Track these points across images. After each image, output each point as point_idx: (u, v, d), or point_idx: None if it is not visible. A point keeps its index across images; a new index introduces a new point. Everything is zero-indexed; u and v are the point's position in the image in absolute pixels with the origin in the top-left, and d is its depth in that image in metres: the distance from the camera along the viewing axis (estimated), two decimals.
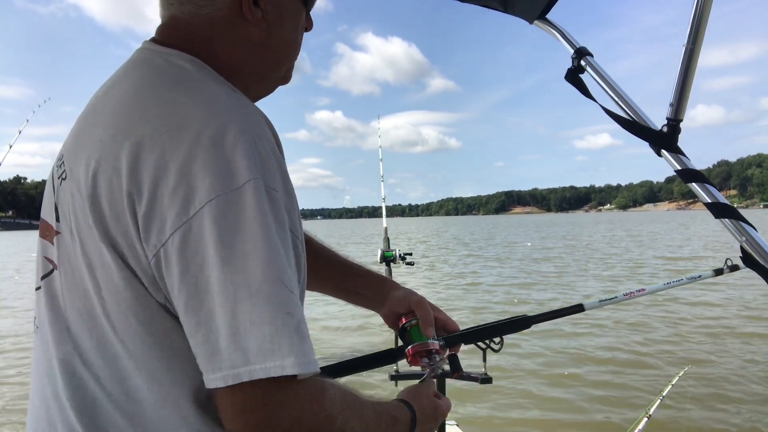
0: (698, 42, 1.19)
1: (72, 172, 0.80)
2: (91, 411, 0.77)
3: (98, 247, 0.74)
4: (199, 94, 0.79)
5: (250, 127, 0.76)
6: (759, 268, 1.16)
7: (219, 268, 0.68)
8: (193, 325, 0.70)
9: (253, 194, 0.70)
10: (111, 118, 0.79)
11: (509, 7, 1.51)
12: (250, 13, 0.89)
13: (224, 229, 0.68)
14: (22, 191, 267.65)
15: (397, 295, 1.25)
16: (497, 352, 1.39)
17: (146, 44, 0.91)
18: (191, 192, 0.69)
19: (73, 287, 0.79)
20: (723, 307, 11.11)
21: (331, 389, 0.78)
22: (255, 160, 0.73)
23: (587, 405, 6.00)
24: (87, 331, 0.78)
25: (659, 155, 1.30)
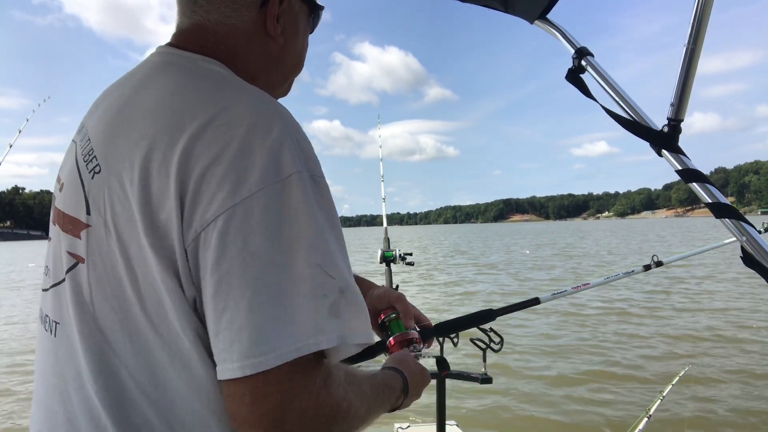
0: (699, 42, 1.19)
1: (109, 166, 0.81)
2: (120, 402, 0.78)
3: (138, 238, 0.75)
4: (244, 92, 0.83)
5: (292, 124, 0.80)
6: (759, 267, 1.15)
7: (257, 256, 0.70)
8: (220, 310, 0.70)
9: (297, 185, 0.74)
10: (155, 113, 0.80)
11: (510, 7, 1.51)
12: (273, 28, 0.95)
13: (268, 218, 0.71)
14: (20, 201, 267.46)
15: (376, 293, 1.30)
16: (497, 352, 1.39)
17: (164, 48, 0.93)
18: (240, 181, 0.72)
19: (104, 279, 0.79)
20: (724, 306, 11.12)
21: (335, 372, 0.78)
22: (299, 154, 0.77)
23: (587, 405, 6.00)
24: (118, 322, 0.78)
25: (660, 155, 1.30)
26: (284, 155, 0.75)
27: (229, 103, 0.79)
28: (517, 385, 6.71)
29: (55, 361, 0.85)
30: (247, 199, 0.71)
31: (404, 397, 1.03)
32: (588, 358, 7.81)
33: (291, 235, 0.72)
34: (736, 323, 9.68)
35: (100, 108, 0.92)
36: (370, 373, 0.96)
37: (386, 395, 0.96)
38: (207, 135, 0.75)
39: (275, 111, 0.80)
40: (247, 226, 0.71)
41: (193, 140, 0.74)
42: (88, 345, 0.80)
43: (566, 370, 7.24)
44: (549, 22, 1.49)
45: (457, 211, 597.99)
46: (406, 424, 3.82)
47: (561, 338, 8.98)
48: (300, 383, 0.70)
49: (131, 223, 0.76)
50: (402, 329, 1.23)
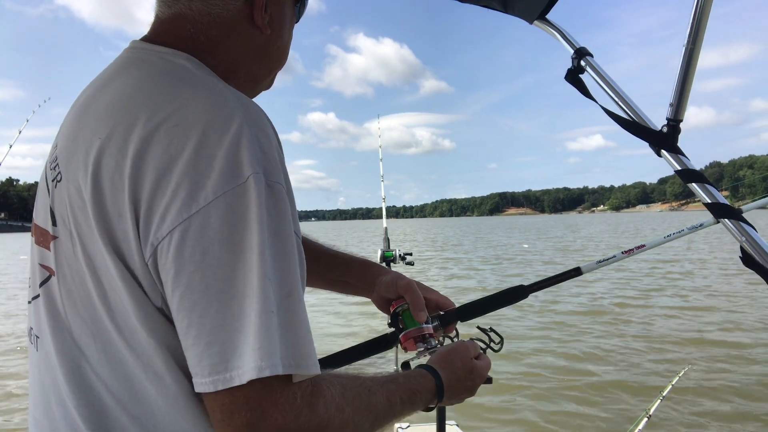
0: (698, 42, 1.19)
1: (68, 173, 0.78)
2: (100, 416, 0.75)
3: (99, 248, 0.73)
4: (202, 89, 0.78)
5: (253, 122, 0.75)
6: (759, 268, 1.16)
7: (219, 267, 0.67)
8: (185, 326, 0.68)
9: (255, 189, 0.69)
10: (110, 114, 0.76)
11: (509, 7, 1.51)
12: (261, 18, 0.90)
13: (227, 227, 0.68)
14: (14, 193, 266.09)
15: (385, 281, 1.24)
16: (497, 351, 1.39)
17: (136, 43, 0.89)
18: (195, 188, 0.68)
19: (73, 292, 0.77)
20: (722, 307, 11.16)
21: (328, 390, 0.75)
22: (257, 154, 0.71)
23: (587, 405, 6.02)
24: (91, 336, 0.76)
25: (659, 155, 1.30)
26: (242, 155, 0.70)
27: (186, 100, 0.74)
28: (517, 385, 6.70)
29: (39, 375, 0.83)
30: (203, 209, 0.67)
31: (438, 399, 0.99)
32: (588, 358, 7.82)
33: (247, 244, 0.68)
34: (737, 323, 9.71)
35: (70, 112, 0.88)
36: (390, 378, 0.91)
37: (409, 401, 0.91)
38: (160, 137, 0.70)
39: (236, 105, 0.75)
40: (204, 238, 0.67)
41: (145, 144, 0.70)
42: (65, 360, 0.78)
43: (566, 371, 7.25)
44: (548, 22, 1.49)
45: (453, 204, 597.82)
46: (406, 424, 3.81)
47: (561, 338, 8.99)
48: (272, 400, 0.67)
49: (91, 233, 0.73)
50: (414, 323, 1.17)
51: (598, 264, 1.49)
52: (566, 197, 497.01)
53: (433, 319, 1.22)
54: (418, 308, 1.18)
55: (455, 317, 1.27)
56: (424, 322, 1.17)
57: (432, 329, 1.18)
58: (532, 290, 1.39)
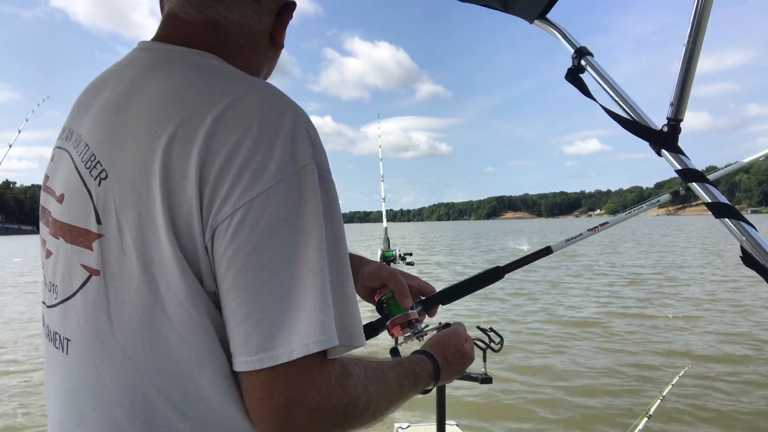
0: (698, 42, 1.19)
1: (117, 170, 0.78)
2: (146, 413, 0.76)
3: (158, 241, 0.74)
4: (249, 83, 0.82)
5: (302, 115, 0.80)
6: (759, 268, 1.15)
7: (272, 249, 0.71)
8: (235, 305, 0.71)
9: (310, 177, 0.74)
10: (162, 110, 0.78)
11: (509, 6, 1.51)
12: (281, 36, 0.99)
13: (285, 211, 0.72)
14: (10, 196, 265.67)
15: (367, 271, 1.26)
16: (497, 351, 1.39)
17: (152, 44, 0.90)
18: (256, 174, 0.72)
19: (122, 289, 0.77)
20: (724, 304, 11.19)
21: (354, 369, 0.79)
22: (309, 145, 0.77)
23: (587, 405, 6.02)
24: (139, 333, 0.76)
25: (659, 155, 1.30)
26: (298, 145, 0.75)
27: (238, 94, 0.78)
28: (517, 385, 6.72)
29: (68, 379, 0.82)
30: (263, 194, 0.71)
31: (435, 381, 1.06)
32: (588, 358, 7.83)
33: (302, 229, 0.72)
34: (736, 322, 9.76)
35: (90, 111, 0.88)
36: (396, 362, 0.97)
37: (414, 383, 0.97)
38: (222, 129, 0.74)
39: (285, 101, 0.80)
40: (263, 221, 0.71)
41: (209, 135, 0.73)
42: (108, 359, 0.77)
43: (566, 371, 7.26)
44: (548, 21, 1.49)
45: (450, 208, 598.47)
46: (406, 424, 3.81)
47: (561, 338, 9.01)
48: (310, 380, 0.71)
49: (150, 226, 0.74)
50: (400, 309, 1.20)
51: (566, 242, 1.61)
52: (563, 201, 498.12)
53: (416, 305, 1.26)
54: (404, 295, 1.21)
55: (437, 301, 1.32)
56: (409, 308, 1.21)
57: (417, 314, 1.23)
58: (508, 270, 1.47)
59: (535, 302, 12.54)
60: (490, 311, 11.33)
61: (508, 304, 12.07)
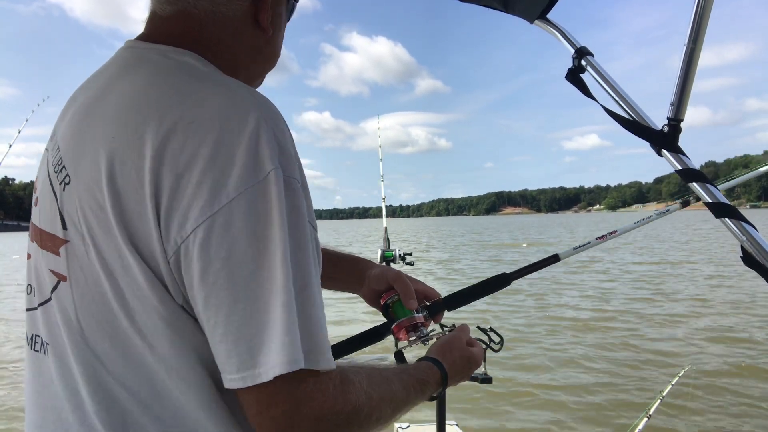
0: (699, 41, 1.18)
1: (78, 175, 0.77)
2: (121, 419, 0.75)
3: (119, 249, 0.72)
4: (215, 86, 0.78)
5: (269, 117, 0.75)
6: (759, 267, 1.15)
7: (243, 264, 0.68)
8: (213, 324, 0.69)
9: (275, 184, 0.70)
10: (121, 115, 0.76)
11: (510, 6, 1.51)
12: (266, 20, 0.91)
13: (251, 223, 0.68)
14: (9, 192, 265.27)
15: (374, 274, 1.25)
16: (497, 351, 1.39)
17: (133, 43, 0.88)
18: (217, 186, 0.68)
19: (87, 296, 0.76)
20: (723, 306, 11.19)
21: (355, 377, 0.78)
22: (275, 150, 0.72)
23: (587, 405, 6.03)
24: (108, 339, 0.75)
25: (660, 155, 1.30)
26: (262, 150, 0.70)
27: (200, 97, 0.74)
28: (517, 385, 6.72)
29: (49, 382, 0.82)
30: (226, 206, 0.68)
31: (442, 388, 1.04)
32: (588, 358, 7.83)
33: (270, 240, 0.69)
34: (737, 322, 9.76)
35: (69, 112, 0.87)
36: (402, 369, 0.95)
37: (420, 390, 0.95)
38: (178, 136, 0.70)
39: (251, 101, 0.75)
40: (229, 235, 0.68)
41: (164, 143, 0.70)
42: (81, 365, 0.77)
43: (566, 371, 7.26)
44: (549, 21, 1.49)
45: (450, 203, 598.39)
46: (406, 424, 3.81)
47: (561, 338, 9.01)
48: (305, 391, 0.69)
49: (109, 234, 0.72)
50: (405, 313, 1.19)
51: (574, 250, 1.59)
52: (562, 196, 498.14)
53: (422, 309, 1.25)
54: (409, 297, 1.20)
55: (443, 306, 1.30)
56: (415, 310, 1.20)
57: (422, 318, 1.21)
58: (515, 277, 1.46)
59: (535, 301, 12.53)
60: (490, 311, 11.33)
61: (508, 304, 12.07)
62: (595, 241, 1.65)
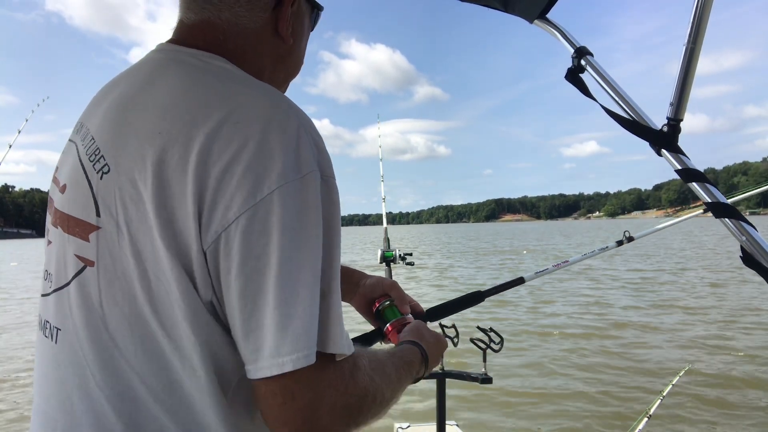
0: (698, 41, 1.19)
1: (119, 166, 0.79)
2: (132, 407, 0.77)
3: (152, 240, 0.74)
4: (255, 88, 0.82)
5: (307, 121, 0.80)
6: (759, 268, 1.15)
7: (281, 252, 0.71)
8: (249, 310, 0.71)
9: (313, 183, 0.74)
10: (167, 111, 0.78)
11: (509, 6, 1.51)
12: (285, 29, 0.95)
13: (289, 215, 0.72)
14: (9, 200, 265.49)
15: (369, 282, 1.31)
16: (497, 352, 1.39)
17: (167, 46, 0.91)
18: (260, 178, 0.72)
19: (115, 283, 0.78)
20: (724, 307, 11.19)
21: (362, 362, 0.82)
22: (314, 151, 0.77)
23: (587, 405, 6.03)
24: (128, 327, 0.77)
25: (659, 155, 1.30)
26: (302, 152, 0.75)
27: (243, 99, 0.78)
28: (517, 385, 6.73)
29: (56, 368, 0.83)
30: (267, 197, 0.71)
31: (424, 368, 1.07)
32: (588, 358, 7.85)
33: (307, 233, 0.73)
34: (737, 322, 9.78)
35: (101, 106, 0.89)
36: (390, 352, 0.99)
37: (408, 371, 0.99)
38: (223, 133, 0.74)
39: (289, 106, 0.80)
40: (269, 225, 0.71)
41: (210, 139, 0.73)
42: (97, 350, 0.78)
43: (567, 371, 7.26)
44: (548, 21, 1.49)
45: (449, 210, 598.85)
46: (406, 424, 3.80)
47: (561, 338, 9.03)
48: (328, 379, 0.73)
49: (145, 224, 0.75)
50: (397, 315, 1.24)
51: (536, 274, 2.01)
52: (562, 203, 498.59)
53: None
54: (404, 302, 1.28)
55: (425, 318, 1.39)
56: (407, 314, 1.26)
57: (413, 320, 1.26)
58: (488, 295, 1.65)
59: (535, 303, 12.54)
60: (491, 310, 11.33)
61: (508, 305, 12.07)
62: (552, 268, 2.09)
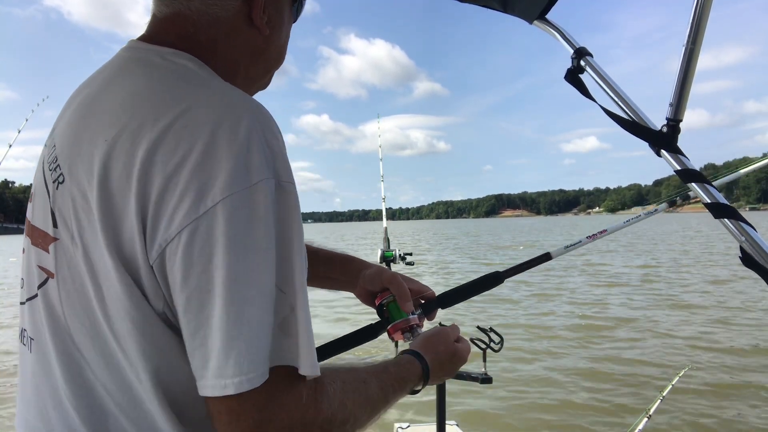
0: (698, 42, 1.18)
1: (72, 175, 0.76)
2: (100, 418, 0.76)
3: (102, 251, 0.72)
4: (209, 91, 0.77)
5: (262, 122, 0.74)
6: (759, 268, 1.15)
7: (225, 269, 0.67)
8: (192, 327, 0.68)
9: (264, 194, 0.69)
10: (116, 116, 0.75)
11: (509, 7, 1.51)
12: (259, 19, 0.89)
13: (234, 229, 0.67)
14: (9, 195, 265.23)
15: (368, 274, 1.26)
16: (497, 351, 1.39)
17: (135, 43, 0.88)
18: (204, 189, 0.67)
19: (73, 295, 0.76)
20: (724, 307, 11.20)
21: (330, 385, 0.77)
22: (268, 156, 0.72)
23: (587, 405, 6.03)
24: (90, 339, 0.75)
25: (659, 155, 1.30)
26: (253, 158, 0.70)
27: (194, 101, 0.74)
28: (517, 384, 6.73)
29: (32, 377, 0.82)
30: (211, 210, 0.67)
31: (424, 383, 1.02)
32: (588, 358, 7.84)
33: (255, 248, 0.68)
34: (737, 322, 9.76)
35: (69, 109, 0.87)
36: (381, 367, 0.94)
37: (400, 388, 0.94)
38: (169, 139, 0.70)
39: (244, 107, 0.75)
40: (213, 240, 0.67)
41: (155, 145, 0.70)
42: (65, 361, 0.77)
43: (567, 371, 7.26)
44: (548, 22, 1.49)
45: (449, 206, 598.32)
46: (406, 424, 3.81)
47: (561, 339, 9.01)
48: (279, 401, 0.69)
49: (95, 236, 0.72)
50: (401, 314, 1.19)
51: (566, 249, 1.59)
52: (562, 199, 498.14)
53: (416, 308, 1.25)
54: (405, 299, 1.21)
55: (437, 304, 1.31)
56: (410, 312, 1.21)
57: (417, 319, 1.22)
58: (507, 276, 1.46)
59: (536, 302, 12.53)
60: (492, 311, 11.32)
61: (509, 304, 12.07)
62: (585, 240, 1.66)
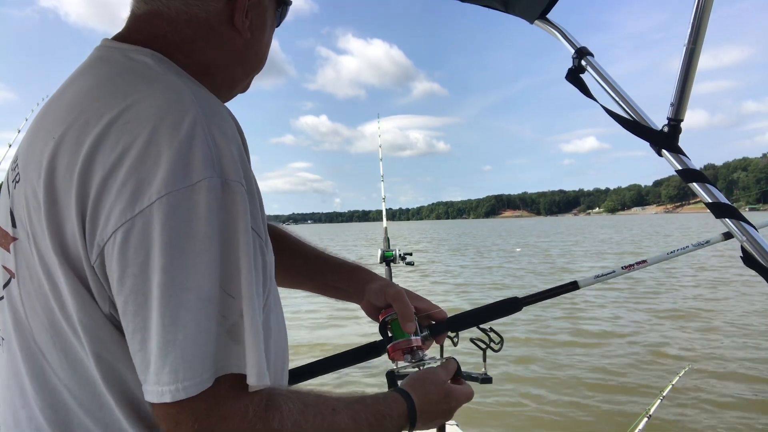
0: (699, 42, 1.18)
1: (25, 174, 0.77)
2: (65, 419, 0.75)
3: (49, 251, 0.71)
4: (158, 86, 0.75)
5: (209, 119, 0.72)
6: (759, 268, 1.15)
7: (160, 272, 0.64)
8: (131, 331, 0.67)
9: (205, 194, 0.66)
10: (64, 115, 0.75)
11: (510, 7, 1.51)
12: (241, 21, 0.88)
13: (172, 230, 0.65)
14: None
15: (373, 288, 1.20)
16: (497, 351, 1.39)
17: (105, 42, 0.87)
18: (140, 188, 0.65)
19: (32, 294, 0.76)
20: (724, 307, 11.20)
21: (285, 404, 0.73)
22: (212, 154, 0.69)
23: (587, 405, 6.04)
24: (50, 339, 0.75)
25: (660, 155, 1.30)
26: (194, 156, 0.67)
27: (140, 96, 0.72)
28: (517, 384, 6.74)
29: (5, 377, 0.82)
30: (146, 210, 0.64)
31: (409, 425, 0.92)
32: (588, 358, 7.85)
33: (193, 250, 0.65)
34: (737, 322, 9.77)
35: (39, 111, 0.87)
36: (356, 399, 0.87)
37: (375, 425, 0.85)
38: (111, 135, 0.68)
39: (190, 101, 0.72)
40: (148, 241, 0.64)
41: (97, 142, 0.68)
42: (29, 362, 0.77)
43: (566, 371, 7.27)
44: (549, 22, 1.49)
45: (449, 206, 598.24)
46: None
47: (561, 338, 9.02)
48: (220, 413, 0.67)
49: (44, 236, 0.71)
50: (403, 334, 1.13)
51: (595, 278, 1.46)
52: (562, 199, 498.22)
53: (422, 329, 1.19)
54: (407, 319, 1.13)
55: (445, 327, 1.25)
56: (412, 333, 1.13)
57: (420, 341, 1.15)
58: (526, 302, 1.37)
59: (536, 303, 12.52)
60: None
61: None
62: (620, 270, 1.49)
